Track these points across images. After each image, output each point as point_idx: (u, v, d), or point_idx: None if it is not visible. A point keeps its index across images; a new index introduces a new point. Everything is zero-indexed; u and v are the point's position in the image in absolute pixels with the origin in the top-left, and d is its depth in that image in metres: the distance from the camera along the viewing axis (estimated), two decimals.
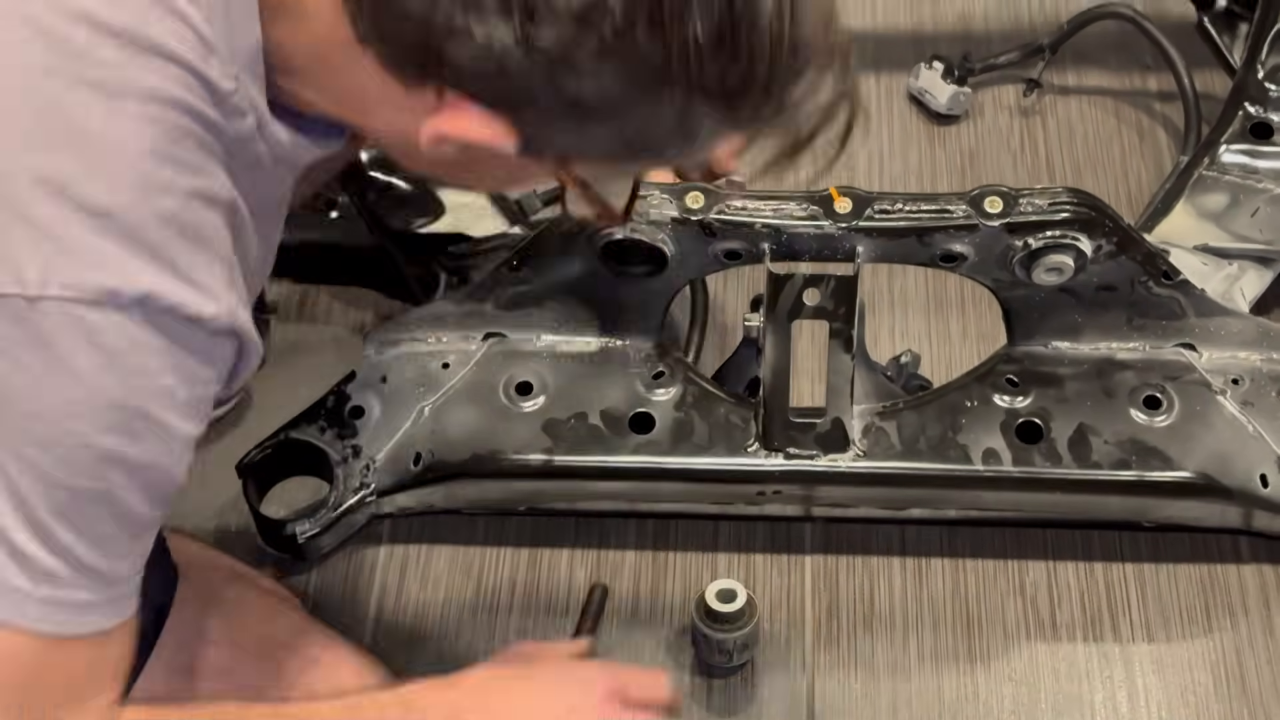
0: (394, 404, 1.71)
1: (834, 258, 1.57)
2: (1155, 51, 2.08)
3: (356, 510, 1.70)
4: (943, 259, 1.59)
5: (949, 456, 1.64)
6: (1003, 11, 2.30)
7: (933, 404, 1.67)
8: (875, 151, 2.14)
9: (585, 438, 1.66)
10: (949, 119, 2.17)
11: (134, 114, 1.04)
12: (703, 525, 1.78)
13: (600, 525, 1.78)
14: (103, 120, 1.03)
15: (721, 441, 1.65)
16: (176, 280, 1.05)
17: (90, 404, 1.04)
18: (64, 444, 1.04)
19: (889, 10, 2.31)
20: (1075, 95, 2.20)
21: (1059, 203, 1.56)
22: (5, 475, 1.04)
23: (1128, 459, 1.63)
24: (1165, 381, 1.66)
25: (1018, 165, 2.12)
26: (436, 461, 1.67)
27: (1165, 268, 1.63)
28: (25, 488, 1.05)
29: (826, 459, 1.64)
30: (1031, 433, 1.65)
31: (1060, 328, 1.67)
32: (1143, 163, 2.11)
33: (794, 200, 1.56)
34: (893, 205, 1.56)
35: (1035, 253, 1.57)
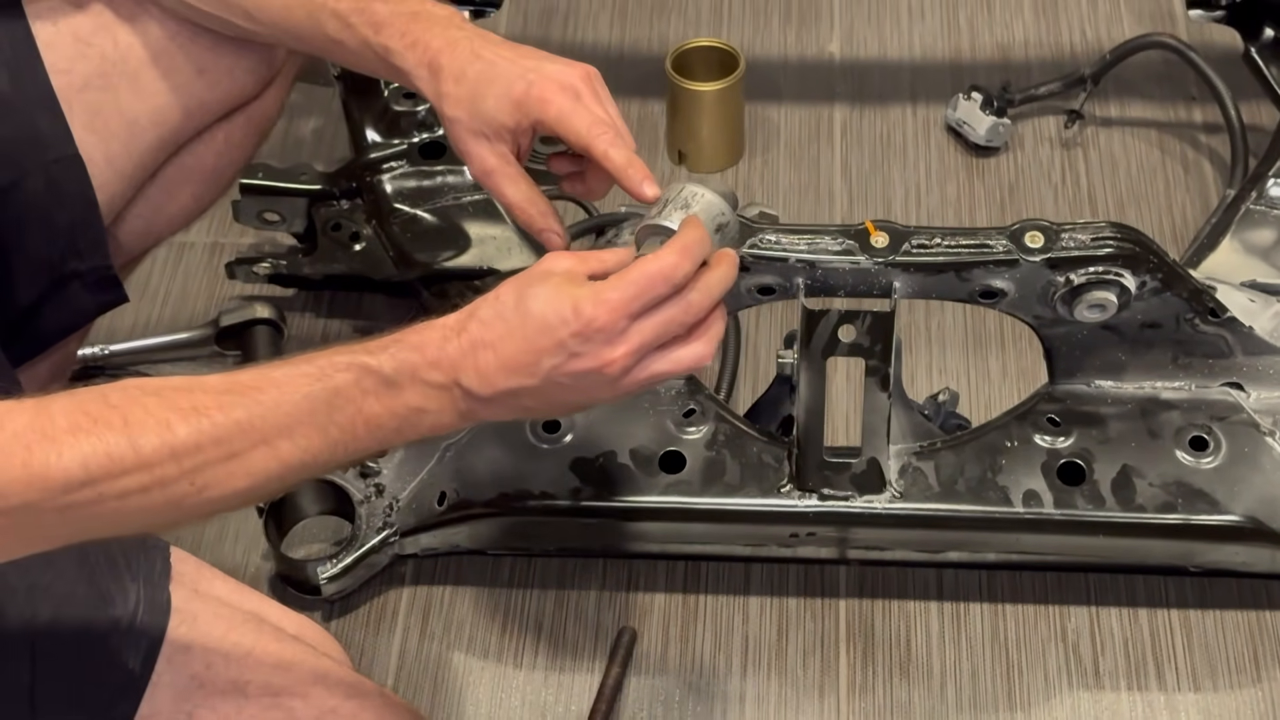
0: (418, 442, 1.67)
1: (870, 293, 1.55)
2: (1201, 82, 2.06)
3: (379, 551, 1.68)
4: (982, 295, 1.56)
5: (988, 498, 1.61)
6: (1043, 41, 2.28)
7: (971, 444, 1.64)
8: (912, 184, 2.12)
9: (614, 477, 1.64)
10: (988, 151, 2.14)
11: None
12: (734, 568, 1.75)
13: (629, 567, 1.75)
14: None
15: (754, 482, 1.63)
16: None
17: None
18: None
19: (926, 39, 2.30)
20: (1118, 127, 2.17)
21: (1102, 237, 1.53)
22: None
23: (1173, 501, 1.60)
24: (1212, 422, 1.63)
25: (1059, 198, 2.09)
26: (461, 501, 1.66)
27: (1211, 305, 1.59)
28: None
29: (862, 500, 1.62)
30: (1074, 474, 1.62)
31: (1103, 366, 1.64)
32: (1188, 196, 2.09)
33: (829, 234, 1.53)
34: (930, 240, 1.53)
35: (1077, 289, 1.54)
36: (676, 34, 2.30)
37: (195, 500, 1.13)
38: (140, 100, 1.53)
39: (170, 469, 1.10)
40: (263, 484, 1.16)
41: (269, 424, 1.15)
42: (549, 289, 1.21)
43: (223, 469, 1.13)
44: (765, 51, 2.29)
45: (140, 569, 1.30)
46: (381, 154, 1.88)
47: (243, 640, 1.33)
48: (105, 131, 1.52)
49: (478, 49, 1.40)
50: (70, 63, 1.50)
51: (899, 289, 1.54)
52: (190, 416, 1.12)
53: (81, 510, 1.08)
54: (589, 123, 1.36)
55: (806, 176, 2.13)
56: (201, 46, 1.54)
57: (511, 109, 1.38)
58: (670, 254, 1.23)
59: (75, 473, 1.06)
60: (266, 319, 1.89)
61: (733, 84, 2.08)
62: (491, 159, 1.40)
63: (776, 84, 2.25)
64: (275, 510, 1.70)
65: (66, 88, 1.50)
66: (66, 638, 1.26)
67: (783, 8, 2.35)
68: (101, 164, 1.52)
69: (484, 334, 1.21)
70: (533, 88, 1.37)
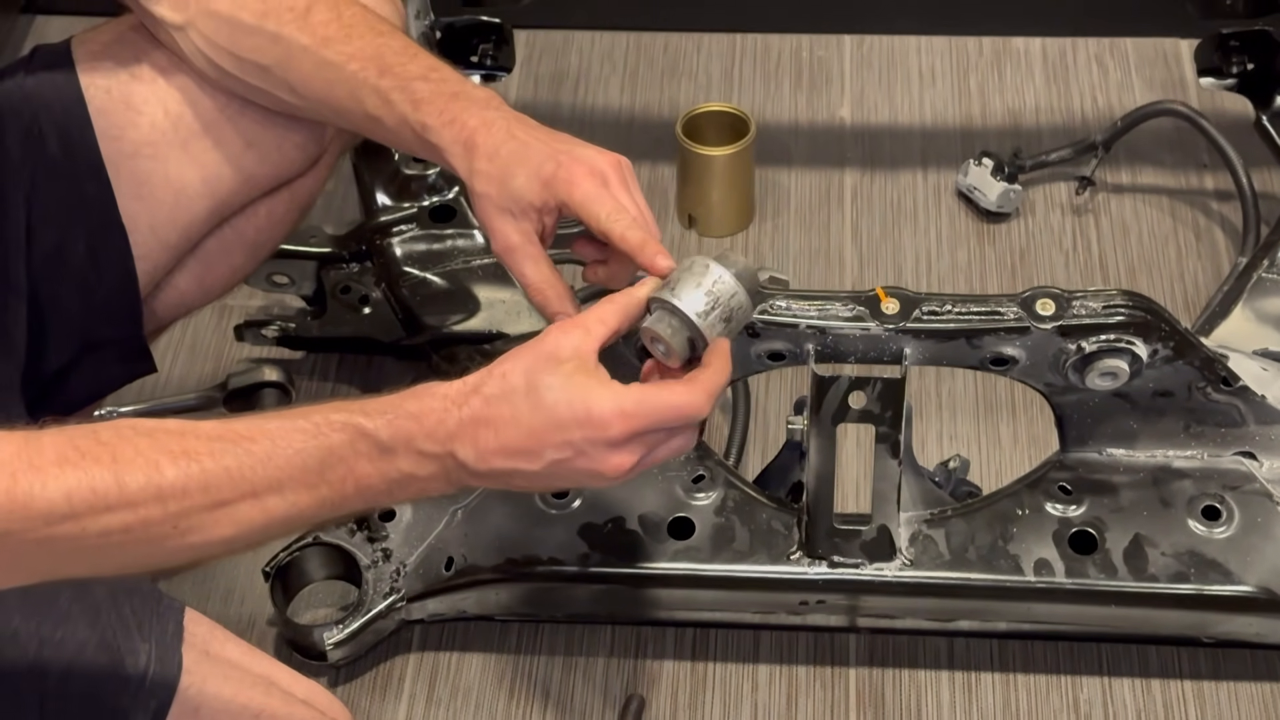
0: (426, 506, 1.68)
1: (881, 360, 1.54)
2: (1212, 150, 2.06)
3: (386, 616, 1.66)
4: (993, 362, 1.55)
5: (999, 567, 1.60)
6: (1054, 107, 2.28)
7: (982, 512, 1.63)
8: (923, 250, 2.12)
9: (622, 543, 1.63)
10: (999, 217, 2.14)
11: None
12: (743, 635, 1.74)
13: (637, 634, 1.74)
14: None
15: (763, 548, 1.62)
16: None
17: None
18: None
19: (937, 105, 2.30)
20: (1130, 194, 2.17)
21: (1113, 305, 1.52)
22: None
23: (1186, 571, 1.59)
24: (1225, 491, 1.62)
25: (1070, 265, 2.09)
26: (469, 566, 1.65)
27: (1224, 373, 1.59)
28: None
29: (872, 568, 1.61)
30: (1085, 543, 1.61)
31: (1115, 434, 1.63)
32: (1199, 264, 2.08)
33: (839, 300, 1.53)
34: (941, 306, 1.53)
35: (1089, 357, 1.53)
36: (687, 98, 2.30)
37: (177, 543, 1.13)
38: (189, 170, 1.53)
39: (155, 510, 1.10)
40: (246, 534, 1.16)
41: (259, 476, 1.15)
42: (561, 380, 1.22)
43: (208, 516, 1.13)
44: (776, 116, 2.29)
45: (153, 629, 1.29)
46: (391, 217, 1.88)
47: (251, 703, 1.33)
48: (151, 200, 1.52)
49: (513, 130, 1.40)
50: (120, 129, 1.51)
51: (910, 355, 1.53)
52: (180, 460, 1.12)
53: (62, 543, 1.08)
54: (611, 208, 1.36)
55: (817, 241, 2.13)
56: (250, 119, 1.54)
57: (539, 188, 1.38)
58: (698, 395, 1.24)
59: (58, 504, 1.06)
60: (275, 382, 1.88)
61: (743, 149, 2.08)
62: (515, 236, 1.40)
63: (787, 148, 2.25)
64: (282, 574, 1.69)
65: (115, 154, 1.50)
66: (76, 694, 1.26)
67: (793, 72, 2.36)
68: (145, 232, 1.52)
69: (487, 412, 1.22)
70: (561, 169, 1.37)
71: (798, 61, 2.37)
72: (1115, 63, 2.33)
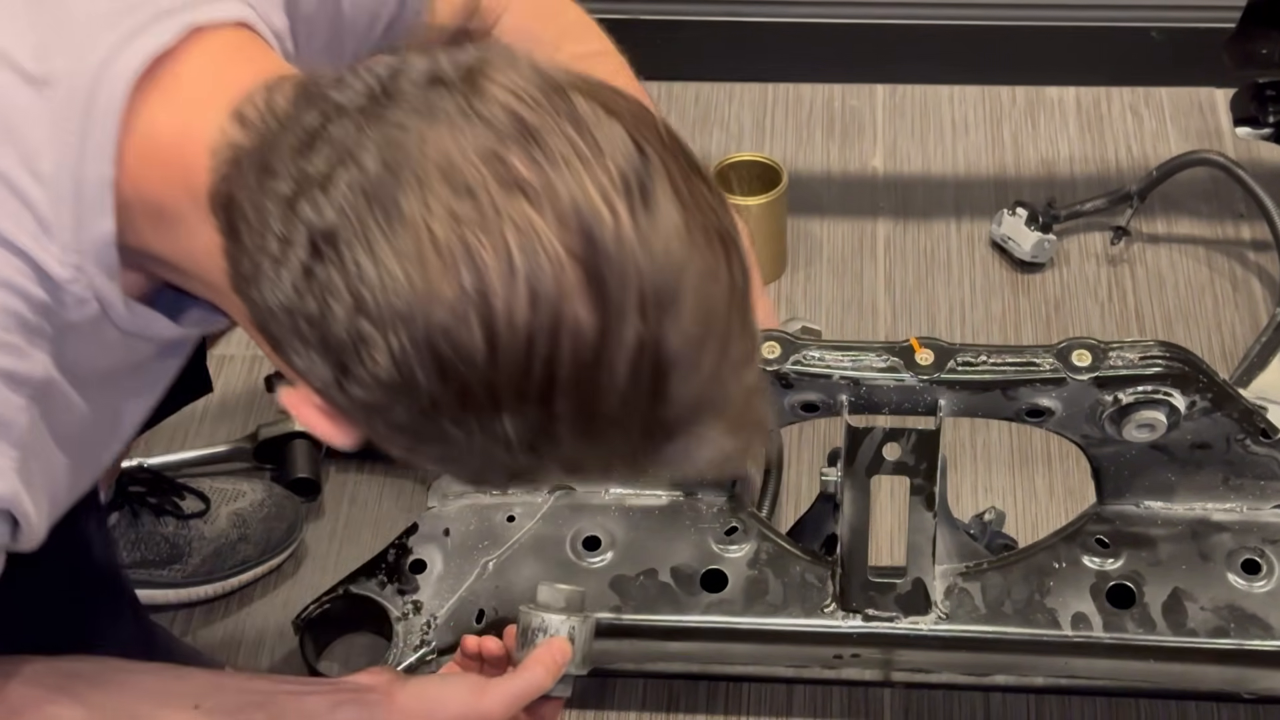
0: (457, 558, 1.67)
1: (915, 411, 1.53)
2: (1249, 199, 2.05)
3: (416, 669, 1.65)
4: (1028, 414, 1.54)
5: (1036, 621, 1.58)
6: (1088, 157, 2.28)
7: (1019, 565, 1.62)
8: (957, 300, 2.11)
9: (655, 595, 1.62)
10: (1033, 267, 2.13)
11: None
12: (776, 689, 1.73)
13: (669, 687, 1.73)
14: None
15: (797, 601, 1.61)
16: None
17: None
18: None
19: (970, 154, 2.29)
20: (1165, 244, 2.16)
21: (1150, 356, 1.51)
22: None
23: (1225, 626, 1.57)
24: (1264, 545, 1.61)
25: (1105, 316, 2.08)
26: (500, 619, 1.63)
27: (1263, 425, 1.57)
28: None
29: (907, 621, 1.59)
30: (1123, 597, 1.59)
31: (1152, 487, 1.61)
32: (1236, 314, 2.06)
33: (873, 351, 1.52)
34: (976, 357, 1.52)
35: (1125, 408, 1.52)
36: (719, 148, 2.30)
37: None
38: None
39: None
40: None
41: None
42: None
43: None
44: (808, 166, 2.29)
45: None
46: None
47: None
48: None
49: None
50: None
51: (944, 407, 1.52)
52: None
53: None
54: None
55: (850, 291, 2.12)
56: None
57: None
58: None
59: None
60: (304, 433, 1.88)
61: (776, 198, 2.08)
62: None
63: (819, 198, 2.24)
64: (311, 626, 1.68)
65: None
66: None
67: (825, 122, 2.35)
68: None
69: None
70: None
71: (830, 111, 2.37)
72: (1150, 112, 2.32)
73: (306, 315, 0.96)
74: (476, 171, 0.93)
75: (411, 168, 0.93)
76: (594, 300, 0.93)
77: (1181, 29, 2.33)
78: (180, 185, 1.03)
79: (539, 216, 0.92)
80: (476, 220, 0.92)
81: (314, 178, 0.95)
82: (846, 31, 2.41)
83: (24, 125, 1.02)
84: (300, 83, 1.02)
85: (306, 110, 0.98)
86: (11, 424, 1.04)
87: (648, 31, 2.40)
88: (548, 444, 0.98)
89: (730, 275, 0.98)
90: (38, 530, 1.09)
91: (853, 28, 2.41)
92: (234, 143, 1.01)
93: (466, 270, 0.92)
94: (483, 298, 0.92)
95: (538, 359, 0.93)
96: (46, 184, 1.03)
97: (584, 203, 0.93)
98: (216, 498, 1.81)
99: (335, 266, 0.94)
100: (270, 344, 1.02)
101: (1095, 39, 2.38)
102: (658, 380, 0.96)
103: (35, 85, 1.03)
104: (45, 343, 1.06)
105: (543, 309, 0.92)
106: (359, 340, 0.94)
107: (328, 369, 0.97)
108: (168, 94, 1.04)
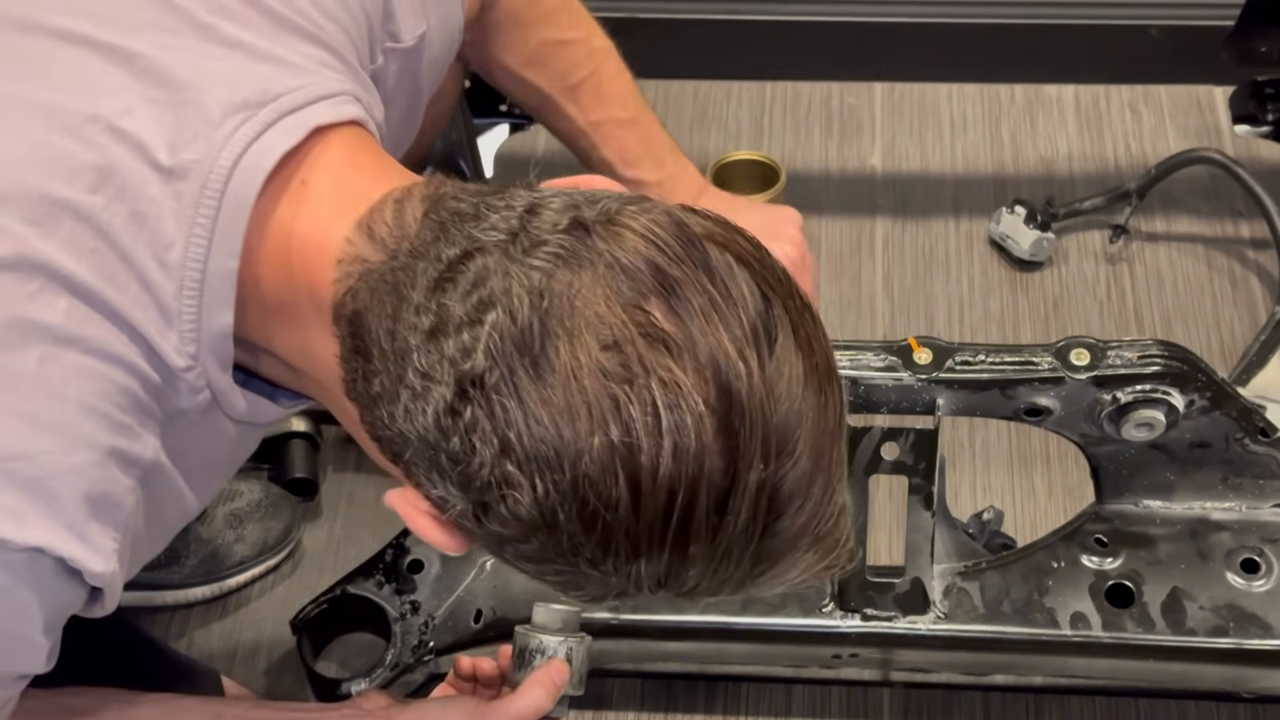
0: (454, 558, 1.66)
1: (913, 410, 1.53)
2: (1247, 197, 2.04)
3: (414, 669, 1.65)
4: (1027, 413, 1.54)
5: (1035, 620, 1.58)
6: (1087, 155, 2.27)
7: (1017, 564, 1.61)
8: (955, 299, 2.10)
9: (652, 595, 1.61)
10: (1032, 265, 2.13)
11: (72, 363, 1.02)
12: (775, 689, 1.72)
13: (667, 687, 1.73)
14: (36, 363, 1.01)
15: (795, 601, 1.60)
16: (71, 536, 1.02)
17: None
18: None
19: (969, 153, 2.29)
20: (1164, 242, 2.15)
21: (1149, 355, 1.51)
22: None
23: (1225, 625, 1.57)
24: (1264, 544, 1.60)
25: (1104, 314, 2.07)
26: (498, 619, 1.63)
27: (1262, 424, 1.57)
28: None
29: (905, 621, 1.59)
30: (1122, 596, 1.59)
31: (1151, 486, 1.61)
32: (1235, 313, 2.06)
33: (871, 350, 1.52)
34: (974, 356, 1.51)
35: (1124, 407, 1.52)
36: (717, 147, 2.30)
37: None
38: None
39: None
40: None
41: None
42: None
43: None
44: (806, 164, 2.29)
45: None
46: None
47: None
48: None
49: None
50: None
51: (943, 406, 1.52)
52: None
53: None
54: None
55: (848, 290, 2.12)
56: None
57: None
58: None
59: None
60: (303, 432, 1.88)
61: (774, 197, 2.07)
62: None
63: (818, 197, 2.24)
64: (309, 626, 1.68)
65: None
66: None
67: (824, 120, 2.35)
68: None
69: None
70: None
71: (828, 109, 2.37)
72: (1149, 110, 2.32)
73: (449, 452, 0.99)
74: (622, 325, 0.96)
75: (560, 318, 0.97)
76: (726, 450, 0.97)
77: (1181, 26, 2.33)
78: (304, 289, 1.06)
79: (681, 371, 0.96)
80: (623, 374, 0.96)
81: (459, 317, 0.98)
82: (845, 29, 2.41)
83: (155, 215, 1.04)
84: (430, 200, 1.05)
85: (443, 240, 1.01)
86: (120, 505, 1.06)
87: (646, 30, 2.40)
88: (675, 582, 1.02)
89: (836, 412, 1.03)
90: (110, 608, 1.10)
91: (851, 26, 2.41)
92: (361, 256, 1.04)
93: (614, 423, 0.95)
94: (629, 450, 0.96)
95: (678, 509, 0.97)
96: (172, 273, 1.05)
97: (721, 356, 0.97)
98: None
99: (483, 410, 0.97)
100: (387, 455, 1.05)
101: (1094, 36, 2.38)
102: (771, 517, 1.00)
103: (167, 176, 1.05)
104: (156, 426, 1.08)
105: (684, 461, 0.96)
106: (504, 482, 0.98)
107: (465, 503, 1.01)
108: (295, 196, 1.08)
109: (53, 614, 1.06)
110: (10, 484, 1.00)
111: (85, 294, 1.02)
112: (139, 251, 1.04)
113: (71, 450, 1.01)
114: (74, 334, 1.01)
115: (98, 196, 1.03)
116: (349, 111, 1.12)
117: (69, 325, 1.01)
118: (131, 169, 1.04)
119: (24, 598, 1.02)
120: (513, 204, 1.02)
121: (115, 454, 1.04)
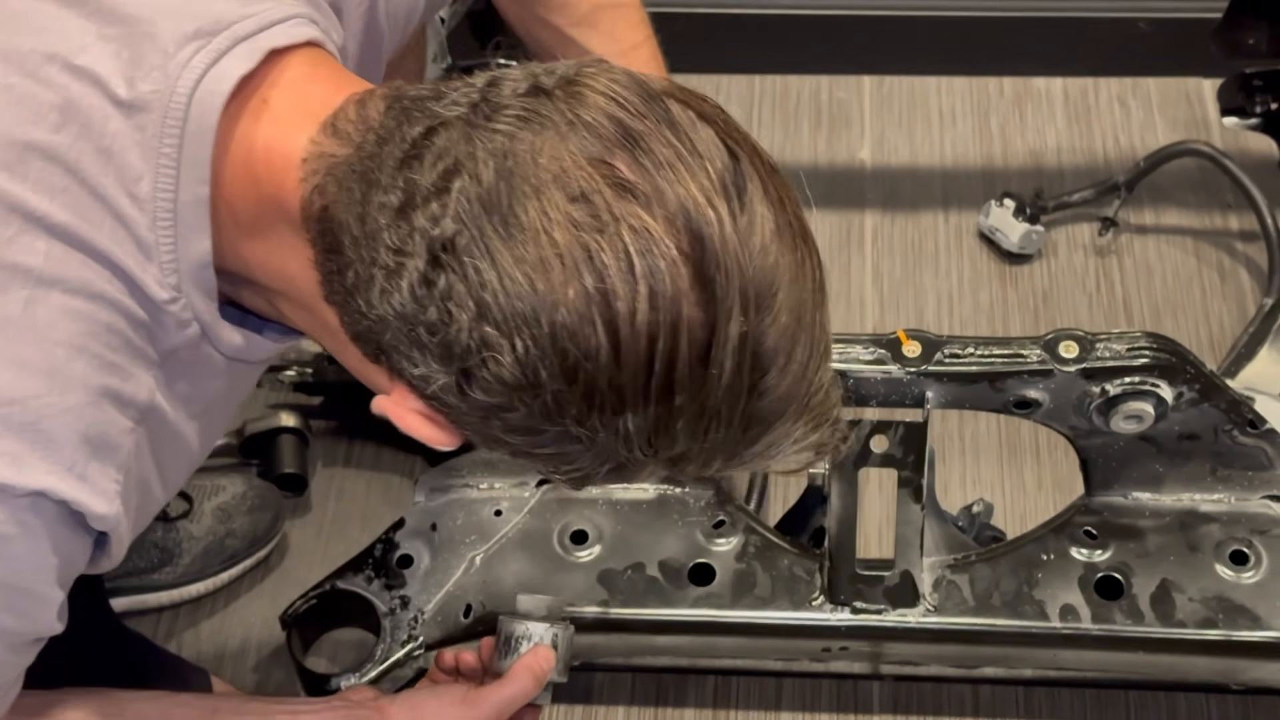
0: (444, 553, 1.67)
1: (902, 403, 1.52)
2: (1236, 190, 2.05)
3: (404, 664, 1.65)
4: (1016, 405, 1.54)
5: (1024, 613, 1.58)
6: (1076, 148, 2.27)
7: (1007, 557, 1.61)
8: (944, 292, 2.10)
9: (642, 589, 1.62)
10: (1021, 258, 2.13)
11: (57, 305, 1.02)
12: (765, 682, 1.72)
13: (658, 681, 1.73)
14: (21, 306, 1.01)
15: (785, 594, 1.60)
16: (71, 478, 1.03)
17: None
18: None
19: (958, 146, 2.29)
20: (1153, 235, 2.15)
21: (1137, 347, 1.51)
22: None
23: (1214, 617, 1.57)
24: (1252, 535, 1.60)
25: (1093, 307, 2.07)
26: (488, 614, 1.63)
27: (1250, 416, 1.57)
28: None
29: (895, 614, 1.59)
30: (1111, 588, 1.59)
31: (1140, 478, 1.61)
32: (1224, 305, 2.06)
33: (860, 343, 1.52)
34: (963, 349, 1.51)
35: (1113, 400, 1.52)
36: None
37: None
38: None
39: None
40: None
41: None
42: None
43: None
44: (795, 157, 2.28)
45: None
46: None
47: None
48: None
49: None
50: None
51: (932, 399, 1.52)
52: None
53: None
54: None
55: (837, 284, 2.11)
56: None
57: None
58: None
59: None
60: (292, 428, 1.87)
61: None
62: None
63: (806, 190, 2.23)
64: (299, 622, 1.67)
65: None
66: None
67: (813, 114, 2.35)
68: None
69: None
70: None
71: (817, 103, 2.36)
72: (1138, 102, 2.32)
73: (427, 323, 0.99)
74: (589, 177, 0.96)
75: (525, 176, 0.97)
76: (703, 299, 0.97)
77: (1169, 19, 2.32)
78: (271, 199, 1.06)
79: (650, 219, 0.96)
80: (593, 224, 0.96)
81: (425, 188, 0.99)
82: (833, 23, 2.40)
83: (120, 149, 1.04)
84: (391, 96, 1.05)
85: (406, 122, 1.02)
86: (119, 446, 1.06)
87: None
88: (664, 440, 1.02)
89: (814, 271, 1.04)
90: (117, 558, 1.10)
91: (839, 19, 2.40)
92: (327, 153, 1.04)
93: (588, 273, 0.96)
94: (604, 298, 0.96)
95: (659, 356, 0.97)
96: (144, 206, 1.05)
97: (690, 204, 0.97)
98: (198, 495, 1.80)
99: (456, 275, 0.97)
100: (369, 354, 1.05)
101: (1082, 29, 2.37)
102: (756, 374, 1.00)
103: (128, 110, 1.05)
104: (150, 366, 1.08)
105: (661, 307, 0.96)
106: (483, 345, 0.98)
107: (448, 374, 1.00)
108: (255, 113, 1.07)
109: (62, 562, 1.06)
110: (6, 430, 1.00)
111: (62, 234, 1.02)
112: (110, 187, 1.04)
113: (64, 392, 1.01)
114: (56, 275, 1.01)
115: (62, 135, 1.03)
116: (305, 33, 1.11)
117: (50, 266, 1.01)
118: (92, 105, 1.04)
119: (30, 546, 1.02)
120: (473, 81, 1.03)
121: (109, 394, 1.04)
